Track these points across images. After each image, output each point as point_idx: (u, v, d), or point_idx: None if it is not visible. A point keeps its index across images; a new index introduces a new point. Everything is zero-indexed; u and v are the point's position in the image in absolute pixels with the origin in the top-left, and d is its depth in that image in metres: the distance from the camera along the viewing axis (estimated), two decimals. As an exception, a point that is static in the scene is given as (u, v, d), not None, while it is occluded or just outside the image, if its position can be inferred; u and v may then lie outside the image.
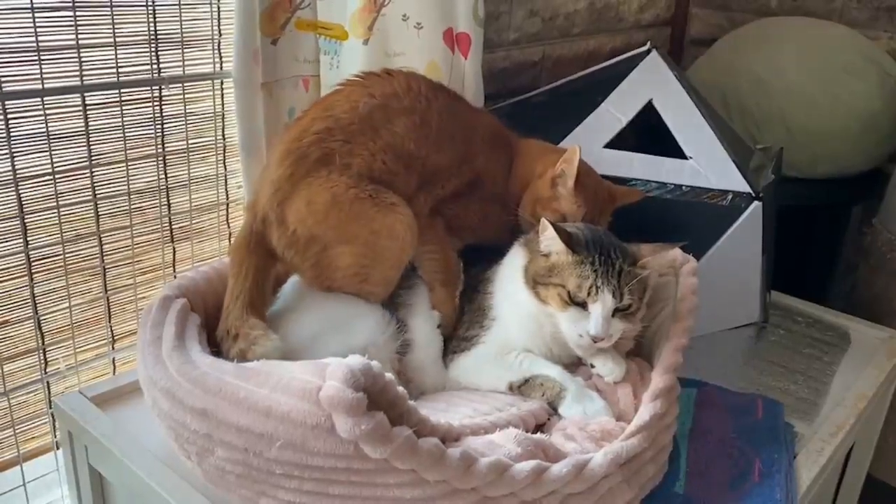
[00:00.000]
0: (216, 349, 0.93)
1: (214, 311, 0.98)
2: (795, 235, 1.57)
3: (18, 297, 1.09)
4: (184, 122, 1.20)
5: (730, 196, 1.23)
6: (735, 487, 0.93)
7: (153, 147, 1.18)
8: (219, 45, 1.22)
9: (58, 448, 1.15)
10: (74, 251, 1.14)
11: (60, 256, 1.11)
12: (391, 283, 1.00)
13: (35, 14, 0.99)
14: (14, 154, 1.03)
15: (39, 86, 1.03)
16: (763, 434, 1.02)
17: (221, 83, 1.23)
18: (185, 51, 1.17)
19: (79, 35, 1.04)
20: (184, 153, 1.22)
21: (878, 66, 1.75)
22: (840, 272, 1.96)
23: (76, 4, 1.03)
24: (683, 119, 1.32)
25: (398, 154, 1.00)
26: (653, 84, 1.37)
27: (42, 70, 1.02)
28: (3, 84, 1.00)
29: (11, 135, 1.02)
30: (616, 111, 1.34)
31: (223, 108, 1.25)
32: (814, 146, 1.74)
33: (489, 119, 1.16)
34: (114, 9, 1.07)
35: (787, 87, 1.73)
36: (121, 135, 1.13)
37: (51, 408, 1.14)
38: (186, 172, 1.23)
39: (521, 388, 0.96)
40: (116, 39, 1.08)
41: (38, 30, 1.00)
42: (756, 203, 1.22)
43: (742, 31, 1.95)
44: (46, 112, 1.04)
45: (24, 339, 1.12)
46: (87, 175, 1.11)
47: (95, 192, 1.13)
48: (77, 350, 1.16)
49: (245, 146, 1.20)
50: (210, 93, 1.23)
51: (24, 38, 1.00)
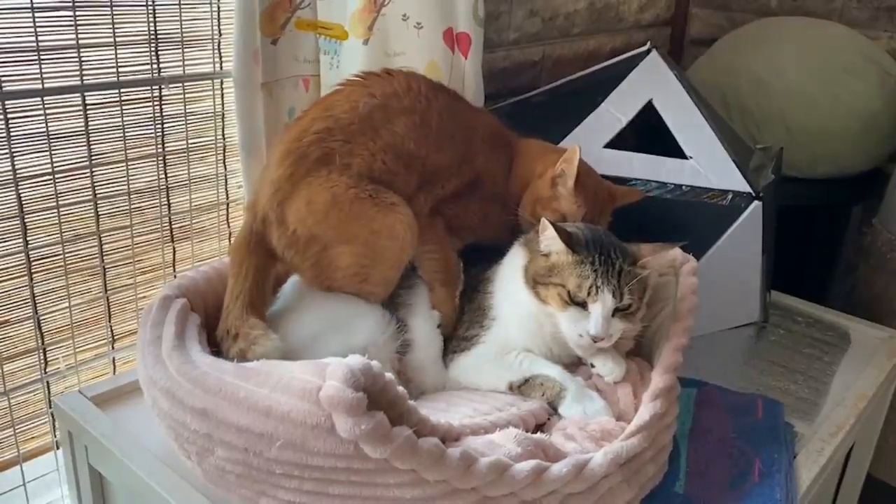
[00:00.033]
0: (216, 349, 0.93)
1: (214, 311, 0.98)
2: (795, 235, 1.56)
3: (18, 297, 1.09)
4: (184, 122, 1.20)
5: (730, 196, 1.23)
6: (735, 487, 0.93)
7: (153, 147, 1.18)
8: (219, 45, 1.22)
9: (58, 448, 1.15)
10: (74, 251, 1.14)
11: (60, 256, 1.11)
12: (391, 283, 1.00)
13: (35, 14, 0.99)
14: (14, 154, 1.03)
15: (39, 85, 1.03)
16: (763, 434, 1.02)
17: (221, 83, 1.23)
18: (185, 50, 1.17)
19: (79, 35, 1.04)
20: (184, 153, 1.22)
21: (878, 66, 1.75)
22: (840, 272, 1.96)
23: (76, 4, 1.03)
24: (683, 119, 1.32)
25: (398, 154, 1.00)
26: (653, 84, 1.37)
27: (42, 70, 1.02)
28: (3, 84, 1.00)
29: (11, 134, 1.02)
30: (616, 111, 1.34)
31: (223, 108, 1.25)
32: (814, 146, 1.74)
33: (489, 119, 1.16)
34: (114, 8, 1.07)
35: (787, 87, 1.73)
36: (121, 135, 1.13)
37: (51, 408, 1.14)
38: (186, 172, 1.23)
39: (521, 388, 0.96)
40: (116, 39, 1.08)
41: (38, 29, 1.00)
42: (756, 203, 1.22)
43: (742, 31, 1.95)
44: (46, 112, 1.04)
45: (24, 339, 1.12)
46: (87, 175, 1.11)
47: (95, 192, 1.13)
48: (77, 350, 1.16)
49: (245, 146, 1.20)
50: (210, 93, 1.23)
51: (24, 38, 1.00)
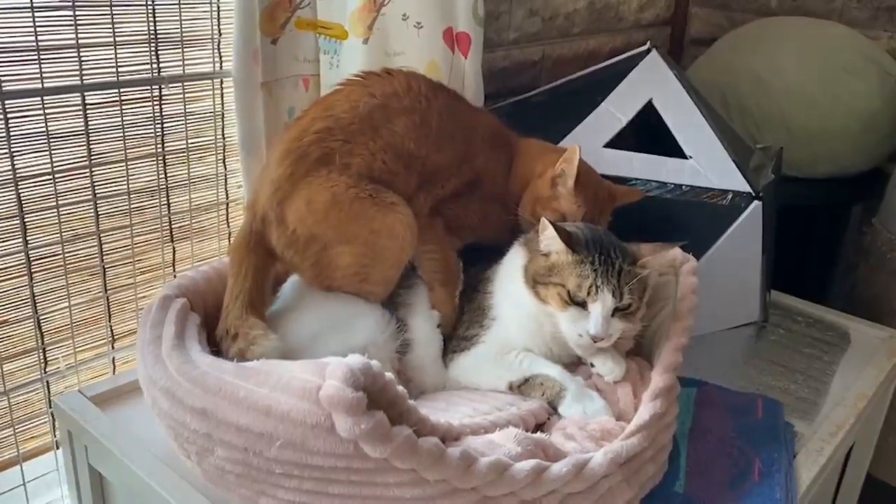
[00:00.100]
0: (216, 349, 0.93)
1: (214, 311, 0.98)
2: (795, 235, 1.56)
3: (18, 297, 1.09)
4: (183, 122, 1.20)
5: (730, 196, 1.23)
6: (735, 487, 0.93)
7: (153, 147, 1.18)
8: (218, 45, 1.22)
9: (58, 448, 1.15)
10: (74, 251, 1.14)
11: (60, 256, 1.11)
12: (391, 283, 1.00)
13: (35, 13, 0.99)
14: (14, 154, 1.03)
15: (39, 85, 1.02)
16: (763, 433, 1.02)
17: (221, 83, 1.23)
18: (185, 50, 1.17)
19: (78, 34, 1.04)
20: (183, 153, 1.22)
21: (878, 66, 1.75)
22: (840, 272, 1.96)
23: (76, 4, 1.03)
24: (683, 119, 1.32)
25: (398, 154, 1.00)
26: (653, 84, 1.37)
27: (42, 69, 1.02)
28: (3, 83, 1.00)
29: (11, 134, 1.02)
30: (616, 111, 1.34)
31: (223, 108, 1.25)
32: (814, 146, 1.74)
33: (489, 119, 1.16)
34: (113, 8, 1.07)
35: (787, 87, 1.73)
36: (120, 134, 1.13)
37: (50, 407, 1.14)
38: (186, 172, 1.23)
39: (521, 388, 0.96)
40: (116, 39, 1.08)
41: (38, 29, 1.00)
42: (756, 203, 1.22)
43: (742, 31, 1.95)
44: (46, 111, 1.04)
45: (24, 339, 1.12)
46: (87, 175, 1.11)
47: (95, 192, 1.13)
48: (77, 350, 1.16)
49: (245, 146, 1.20)
50: (210, 92, 1.23)
51: (24, 38, 1.00)
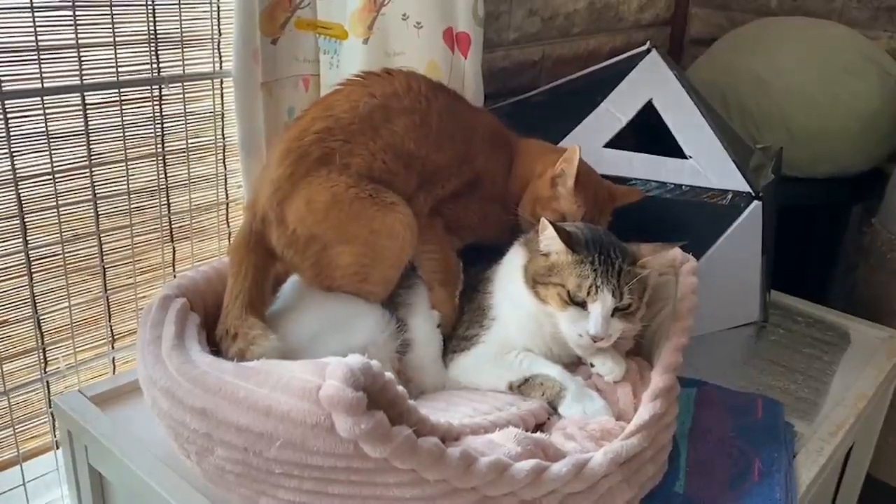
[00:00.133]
0: (216, 349, 0.93)
1: (214, 311, 0.98)
2: (795, 235, 1.56)
3: (18, 297, 1.09)
4: (183, 122, 1.20)
5: (730, 196, 1.23)
6: (735, 487, 0.93)
7: (153, 147, 1.18)
8: (218, 45, 1.22)
9: (57, 448, 1.15)
10: (74, 251, 1.13)
11: (60, 256, 1.11)
12: (391, 283, 1.00)
13: (35, 13, 0.99)
14: (14, 154, 1.03)
15: (39, 85, 1.02)
16: (763, 433, 1.02)
17: (221, 82, 1.23)
18: (185, 50, 1.17)
19: (78, 34, 1.04)
20: (183, 153, 1.22)
21: (878, 66, 1.75)
22: (840, 272, 1.96)
23: (76, 4, 1.03)
24: (683, 119, 1.32)
25: (398, 154, 1.00)
26: (653, 84, 1.37)
27: (42, 69, 1.02)
28: (3, 83, 1.00)
29: (11, 134, 1.02)
30: (616, 111, 1.34)
31: (223, 108, 1.25)
32: (814, 146, 1.74)
33: (489, 119, 1.16)
34: (113, 8, 1.07)
35: (787, 87, 1.73)
36: (120, 134, 1.13)
37: (50, 407, 1.14)
38: (186, 172, 1.23)
39: (521, 388, 0.96)
40: (116, 39, 1.08)
41: (38, 29, 1.00)
42: (756, 202, 1.22)
43: (742, 31, 1.94)
44: (46, 111, 1.04)
45: (24, 339, 1.12)
46: (87, 175, 1.11)
47: (95, 192, 1.13)
48: (77, 350, 1.16)
49: (245, 146, 1.20)
50: (210, 92, 1.23)
51: (24, 38, 1.00)
